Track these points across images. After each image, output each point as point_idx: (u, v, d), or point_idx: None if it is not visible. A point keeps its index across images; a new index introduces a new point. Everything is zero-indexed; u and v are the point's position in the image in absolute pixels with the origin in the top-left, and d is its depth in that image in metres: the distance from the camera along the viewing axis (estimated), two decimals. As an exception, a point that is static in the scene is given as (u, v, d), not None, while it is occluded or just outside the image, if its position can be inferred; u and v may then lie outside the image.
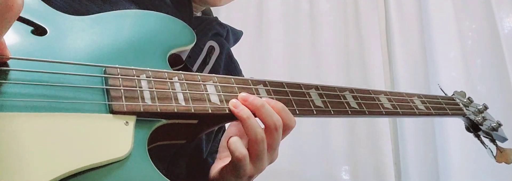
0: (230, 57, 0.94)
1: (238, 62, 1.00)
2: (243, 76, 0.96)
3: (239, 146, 0.59)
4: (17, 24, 0.53)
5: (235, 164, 0.60)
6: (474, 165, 1.77)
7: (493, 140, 0.97)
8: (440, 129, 1.87)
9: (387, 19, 2.16)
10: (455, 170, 1.78)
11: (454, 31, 1.98)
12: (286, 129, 0.62)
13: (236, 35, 0.99)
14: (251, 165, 0.61)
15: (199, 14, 0.93)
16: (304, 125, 1.93)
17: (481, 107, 0.99)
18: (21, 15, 0.52)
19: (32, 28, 0.54)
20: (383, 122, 1.98)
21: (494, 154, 0.94)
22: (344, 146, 1.97)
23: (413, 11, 2.12)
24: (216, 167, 0.69)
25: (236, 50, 1.01)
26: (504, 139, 0.99)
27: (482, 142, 0.96)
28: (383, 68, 2.07)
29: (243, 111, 0.58)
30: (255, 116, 0.60)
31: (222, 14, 2.18)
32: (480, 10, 1.99)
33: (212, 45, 0.85)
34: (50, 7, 0.58)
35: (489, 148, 0.96)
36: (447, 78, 1.90)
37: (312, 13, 2.21)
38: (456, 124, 1.78)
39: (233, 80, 0.63)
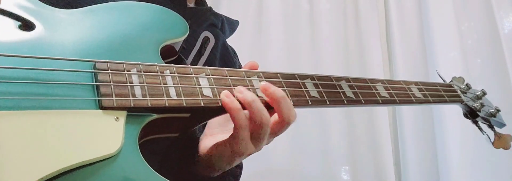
0: (226, 48, 0.93)
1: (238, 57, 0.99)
2: (240, 66, 0.95)
3: (243, 119, 0.58)
4: (3, 19, 0.52)
5: (235, 139, 0.60)
6: (474, 166, 1.77)
7: (491, 126, 0.95)
8: (440, 129, 1.86)
9: (387, 19, 2.15)
10: (455, 171, 1.77)
11: (454, 31, 1.97)
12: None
13: (232, 24, 0.97)
14: (251, 144, 0.61)
15: (192, 4, 0.92)
16: (304, 124, 1.93)
17: (479, 93, 0.97)
18: (8, 9, 0.52)
19: (20, 23, 0.53)
20: (383, 122, 1.97)
21: (492, 140, 0.93)
22: (344, 146, 1.96)
23: (413, 11, 2.11)
24: (207, 143, 0.68)
25: (236, 50, 1.00)
26: (502, 125, 0.97)
27: (480, 128, 0.95)
28: (383, 68, 2.06)
29: (247, 96, 0.58)
30: (273, 108, 0.61)
31: (222, 13, 2.17)
32: (480, 10, 1.98)
33: (207, 36, 0.84)
34: (38, 1, 0.57)
35: (487, 134, 0.94)
36: (447, 78, 1.88)
37: (312, 13, 2.20)
38: (456, 124, 1.78)
39: (226, 72, 0.62)
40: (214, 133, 0.70)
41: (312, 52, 2.11)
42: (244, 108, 0.58)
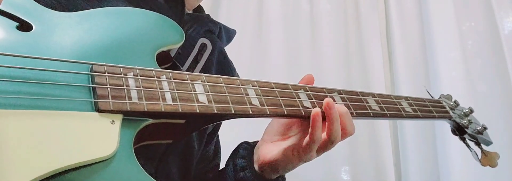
0: (223, 54, 0.92)
1: (233, 62, 0.99)
2: (237, 75, 0.96)
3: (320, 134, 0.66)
4: (1, 19, 0.52)
5: (307, 148, 0.68)
6: (474, 167, 1.76)
7: (478, 143, 0.96)
8: (440, 130, 1.86)
9: (387, 19, 2.15)
10: (455, 172, 1.77)
11: (455, 31, 1.97)
12: None
13: (228, 33, 0.97)
14: (316, 154, 0.70)
15: (190, 11, 0.92)
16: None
17: (466, 110, 0.99)
18: (6, 10, 0.52)
19: (17, 23, 0.53)
20: (383, 123, 1.97)
21: (479, 158, 0.94)
22: (344, 146, 1.96)
23: (413, 11, 2.11)
24: (270, 149, 0.74)
25: (236, 50, 0.99)
26: (489, 143, 0.98)
27: (467, 145, 0.96)
28: (383, 68, 2.06)
29: (334, 115, 0.66)
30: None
31: (222, 14, 2.17)
32: (480, 10, 1.98)
33: (204, 42, 0.84)
34: (37, 3, 0.58)
35: (474, 151, 0.95)
36: (447, 78, 1.89)
37: (312, 13, 2.20)
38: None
39: (221, 80, 0.63)
40: (275, 140, 0.76)
41: (313, 52, 2.11)
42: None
